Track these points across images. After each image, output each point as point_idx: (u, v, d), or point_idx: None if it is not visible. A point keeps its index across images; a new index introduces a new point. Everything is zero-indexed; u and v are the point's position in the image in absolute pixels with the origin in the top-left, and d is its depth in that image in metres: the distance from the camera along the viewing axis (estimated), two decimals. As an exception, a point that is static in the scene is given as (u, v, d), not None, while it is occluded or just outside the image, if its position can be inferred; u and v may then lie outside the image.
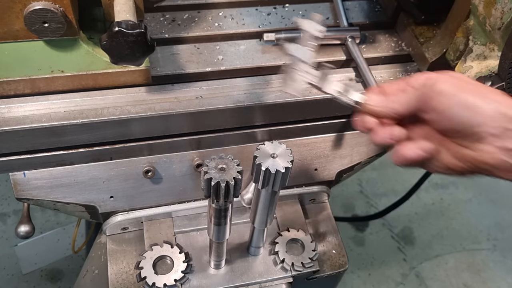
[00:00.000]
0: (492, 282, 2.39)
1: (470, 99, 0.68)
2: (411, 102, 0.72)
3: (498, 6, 0.81)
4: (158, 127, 0.94)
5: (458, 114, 0.68)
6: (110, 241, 1.02)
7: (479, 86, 0.71)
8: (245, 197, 1.01)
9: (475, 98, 0.68)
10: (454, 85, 0.69)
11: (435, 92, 0.70)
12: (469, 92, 0.68)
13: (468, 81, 0.72)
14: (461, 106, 0.68)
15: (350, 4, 1.14)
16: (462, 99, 0.68)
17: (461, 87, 0.69)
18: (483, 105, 0.67)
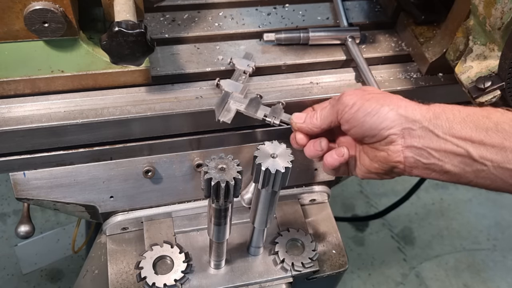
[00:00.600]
0: (492, 282, 2.39)
1: (373, 107, 0.77)
2: (327, 116, 0.83)
3: (498, 6, 0.81)
4: (158, 127, 0.94)
5: (365, 122, 0.78)
6: (110, 241, 1.02)
7: (382, 95, 0.80)
8: (245, 197, 1.01)
9: (377, 105, 0.77)
10: (358, 96, 0.79)
11: (343, 105, 0.80)
12: (372, 101, 0.78)
13: (372, 91, 0.82)
14: (366, 114, 0.77)
15: (350, 4, 1.14)
16: (367, 108, 0.77)
17: (364, 97, 0.79)
18: (384, 110, 0.76)
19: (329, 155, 0.85)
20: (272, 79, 1.00)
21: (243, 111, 0.91)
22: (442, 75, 1.03)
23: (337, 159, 0.84)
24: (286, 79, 1.01)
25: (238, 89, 0.93)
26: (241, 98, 0.92)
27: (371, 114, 0.77)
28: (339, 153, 0.84)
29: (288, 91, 0.99)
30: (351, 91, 0.81)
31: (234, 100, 0.91)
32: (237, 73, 0.96)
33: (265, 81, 0.99)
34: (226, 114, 0.90)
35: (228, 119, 0.89)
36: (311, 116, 0.86)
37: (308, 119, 0.86)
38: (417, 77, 1.04)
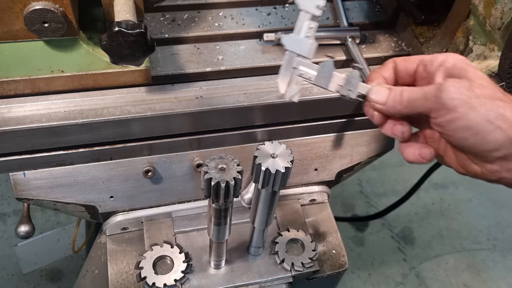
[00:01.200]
0: (492, 282, 2.39)
1: (479, 122, 0.63)
2: (416, 107, 0.69)
3: (498, 6, 0.81)
4: (158, 127, 0.94)
5: (465, 139, 0.65)
6: (110, 241, 1.02)
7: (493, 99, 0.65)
8: (245, 197, 1.01)
9: (485, 121, 0.63)
10: (464, 95, 0.64)
11: (440, 104, 0.66)
12: (479, 111, 0.63)
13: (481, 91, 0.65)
14: (468, 130, 0.64)
15: (350, 4, 1.14)
16: (471, 121, 0.63)
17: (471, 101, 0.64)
18: (494, 133, 0.63)
19: (411, 150, 0.73)
20: (272, 79, 1.00)
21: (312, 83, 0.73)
22: (442, 75, 1.03)
23: (418, 160, 0.73)
24: (286, 79, 1.01)
25: (304, 48, 0.73)
26: (309, 64, 0.73)
27: (475, 133, 0.64)
28: (424, 154, 0.72)
29: (288, 91, 0.98)
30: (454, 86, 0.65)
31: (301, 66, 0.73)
32: (301, 21, 0.72)
33: (265, 81, 0.99)
34: (293, 89, 0.73)
35: (295, 95, 0.73)
36: (396, 100, 0.70)
37: (391, 101, 0.71)
38: (417, 77, 1.04)
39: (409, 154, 0.73)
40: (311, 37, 0.73)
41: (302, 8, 0.71)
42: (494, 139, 0.63)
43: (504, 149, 0.64)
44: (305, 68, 0.73)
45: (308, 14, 0.72)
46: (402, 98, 0.70)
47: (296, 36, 0.73)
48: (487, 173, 0.68)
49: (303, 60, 0.73)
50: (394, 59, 0.76)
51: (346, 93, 0.74)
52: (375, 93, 0.73)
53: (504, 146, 0.64)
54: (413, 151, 0.73)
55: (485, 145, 0.64)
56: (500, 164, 0.66)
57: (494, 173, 0.67)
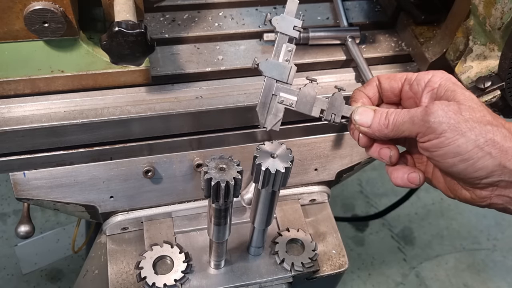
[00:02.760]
0: (492, 282, 2.39)
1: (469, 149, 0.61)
2: (403, 131, 0.67)
3: (498, 6, 0.81)
4: (158, 127, 0.94)
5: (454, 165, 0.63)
6: (110, 241, 1.02)
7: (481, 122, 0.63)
8: (245, 197, 1.01)
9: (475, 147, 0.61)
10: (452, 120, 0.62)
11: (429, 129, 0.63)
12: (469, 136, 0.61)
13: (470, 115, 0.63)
14: (458, 156, 0.62)
15: (350, 4, 1.14)
16: (461, 148, 0.61)
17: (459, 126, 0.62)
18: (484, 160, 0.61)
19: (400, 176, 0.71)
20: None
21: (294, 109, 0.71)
22: (442, 75, 1.03)
23: (408, 185, 0.70)
24: (286, 79, 1.01)
25: (284, 73, 0.70)
26: (289, 89, 0.70)
27: (465, 160, 0.62)
28: (412, 179, 0.70)
29: (288, 91, 0.98)
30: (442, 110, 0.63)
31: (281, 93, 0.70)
32: (280, 44, 0.70)
33: (265, 81, 0.99)
34: (273, 119, 0.71)
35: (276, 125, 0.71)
36: (382, 122, 0.68)
37: (376, 124, 0.69)
38: (417, 77, 1.04)
39: (397, 178, 0.71)
40: (290, 61, 0.70)
41: (279, 30, 0.69)
42: (484, 166, 0.62)
43: (494, 175, 0.62)
44: (285, 95, 0.70)
45: (286, 37, 0.70)
46: (388, 121, 0.68)
47: (274, 61, 0.71)
48: (476, 199, 0.66)
49: (283, 86, 0.71)
50: (378, 77, 0.74)
51: (330, 117, 0.72)
52: (360, 115, 0.71)
53: (494, 173, 0.62)
54: (401, 175, 0.71)
55: (474, 172, 0.62)
56: (491, 190, 0.65)
57: (484, 199, 0.66)
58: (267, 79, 0.71)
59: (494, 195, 0.65)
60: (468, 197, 0.67)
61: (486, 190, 0.65)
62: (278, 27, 0.69)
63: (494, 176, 0.62)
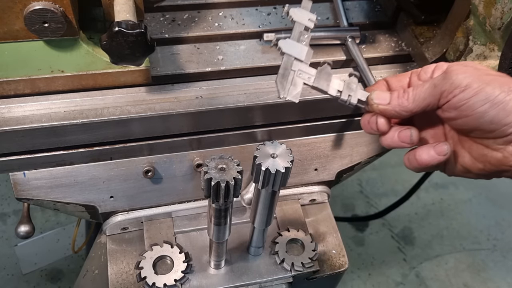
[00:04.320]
0: (492, 282, 2.39)
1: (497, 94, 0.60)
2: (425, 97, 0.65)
3: (498, 6, 0.81)
4: (158, 127, 0.94)
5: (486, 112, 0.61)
6: (110, 241, 1.02)
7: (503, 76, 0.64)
8: (245, 197, 1.01)
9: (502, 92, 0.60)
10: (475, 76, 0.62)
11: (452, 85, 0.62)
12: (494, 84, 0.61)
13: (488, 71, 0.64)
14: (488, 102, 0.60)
15: (350, 4, 1.14)
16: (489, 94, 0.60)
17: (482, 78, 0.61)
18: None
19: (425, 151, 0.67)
20: (272, 79, 1.00)
21: (311, 85, 0.72)
22: (442, 75, 1.03)
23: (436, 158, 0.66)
24: (286, 79, 1.01)
25: (302, 53, 0.73)
26: (307, 67, 0.73)
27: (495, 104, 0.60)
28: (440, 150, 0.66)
29: (288, 91, 0.98)
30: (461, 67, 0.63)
31: (299, 69, 0.72)
32: (297, 30, 0.74)
33: (265, 81, 0.99)
34: (292, 90, 0.72)
35: (294, 96, 0.72)
36: (401, 96, 0.67)
37: (396, 99, 0.67)
38: (417, 77, 1.04)
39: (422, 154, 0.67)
40: (307, 44, 0.73)
41: (296, 20, 0.73)
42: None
43: None
44: (303, 70, 0.72)
45: (302, 25, 0.73)
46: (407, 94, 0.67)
47: (293, 41, 0.73)
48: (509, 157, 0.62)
49: (301, 63, 0.73)
50: (385, 78, 0.74)
51: (347, 98, 0.72)
52: (377, 95, 0.70)
53: None
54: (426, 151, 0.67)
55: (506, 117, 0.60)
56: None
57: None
58: (285, 56, 0.73)
59: None
60: (500, 157, 0.63)
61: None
62: (295, 17, 0.73)
63: None
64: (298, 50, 0.73)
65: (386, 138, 0.71)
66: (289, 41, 0.73)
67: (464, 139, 0.68)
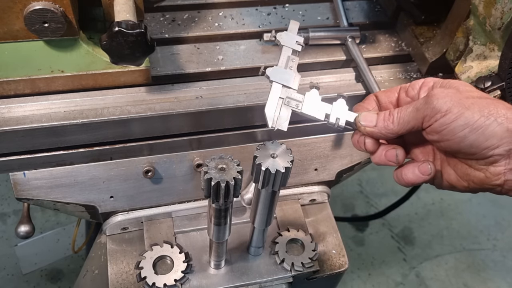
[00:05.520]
0: (492, 282, 2.39)
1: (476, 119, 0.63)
2: (408, 121, 0.68)
3: (498, 6, 0.81)
4: (158, 127, 0.94)
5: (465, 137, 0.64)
6: (110, 241, 1.02)
7: (482, 98, 0.66)
8: (245, 197, 1.01)
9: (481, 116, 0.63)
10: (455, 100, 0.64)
11: (434, 110, 0.65)
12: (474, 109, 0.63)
13: (469, 93, 0.67)
14: (467, 127, 0.63)
15: (350, 4, 1.14)
16: (468, 119, 0.63)
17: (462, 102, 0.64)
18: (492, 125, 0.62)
19: (410, 170, 0.70)
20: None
21: (299, 113, 0.74)
22: (442, 75, 1.03)
23: (420, 177, 0.70)
24: (286, 79, 1.01)
25: (290, 80, 0.74)
26: (295, 94, 0.74)
27: (474, 129, 0.62)
28: (424, 171, 0.69)
29: (288, 91, 0.99)
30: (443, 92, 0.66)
31: (287, 96, 0.73)
32: (285, 55, 0.75)
33: (265, 81, 0.99)
34: (281, 120, 0.73)
35: (284, 125, 0.74)
36: (386, 118, 0.70)
37: (382, 122, 0.70)
38: (417, 77, 1.04)
39: (408, 174, 0.71)
40: (294, 69, 0.74)
41: (284, 44, 0.74)
42: (493, 133, 0.63)
43: (505, 143, 0.63)
44: (291, 98, 0.73)
45: (290, 49, 0.75)
46: (392, 117, 0.70)
47: (280, 68, 0.74)
48: (491, 177, 0.65)
49: (289, 90, 0.74)
50: (375, 93, 0.76)
51: (335, 121, 0.74)
52: (364, 117, 0.72)
53: (505, 139, 0.63)
54: (411, 170, 0.70)
55: (485, 141, 0.63)
56: (504, 165, 0.64)
57: (498, 176, 0.65)
58: (274, 83, 0.74)
59: (508, 169, 0.64)
60: (483, 177, 0.66)
61: (499, 165, 0.64)
62: (282, 41, 0.74)
63: (504, 144, 0.63)
64: (286, 77, 0.73)
65: (375, 157, 0.74)
66: (276, 68, 0.74)
67: (450, 158, 0.70)
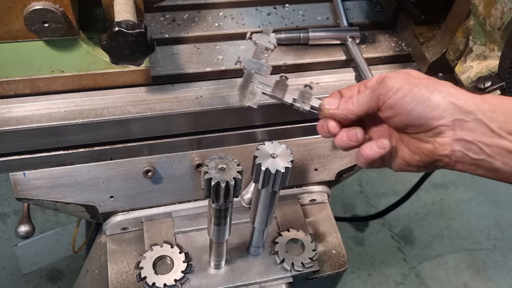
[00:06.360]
0: (492, 282, 2.39)
1: (423, 93, 0.70)
2: (366, 101, 0.75)
3: (498, 6, 0.81)
4: (158, 127, 0.94)
5: (413, 110, 0.70)
6: (110, 241, 1.02)
7: (430, 79, 0.74)
8: (245, 197, 1.01)
9: (427, 91, 0.70)
10: (405, 80, 0.72)
11: (386, 89, 0.72)
12: (421, 86, 0.71)
13: (418, 75, 0.74)
14: (415, 101, 0.70)
15: (350, 4, 1.14)
16: (416, 94, 0.70)
17: (411, 81, 0.72)
18: (436, 98, 0.69)
19: (368, 147, 0.76)
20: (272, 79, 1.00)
21: (269, 94, 0.83)
22: (442, 75, 1.03)
23: (377, 152, 0.75)
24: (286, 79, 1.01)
25: (261, 68, 0.84)
26: (266, 80, 0.83)
27: (421, 102, 0.70)
28: (380, 145, 0.75)
29: (288, 91, 0.99)
30: (394, 74, 0.74)
31: (258, 81, 0.83)
32: (259, 50, 0.86)
33: (265, 81, 0.99)
34: (251, 98, 0.82)
35: (254, 103, 0.82)
36: (346, 101, 0.78)
37: (343, 104, 0.78)
38: (417, 77, 1.04)
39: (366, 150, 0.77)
40: (267, 61, 0.85)
41: (259, 43, 0.86)
42: (438, 104, 0.69)
43: (448, 114, 0.69)
44: (262, 82, 0.83)
45: (264, 46, 0.86)
46: (352, 99, 0.77)
47: (254, 59, 0.84)
48: (439, 148, 0.71)
49: (260, 76, 0.83)
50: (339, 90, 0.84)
51: (301, 104, 0.82)
52: (328, 100, 0.80)
53: (448, 111, 0.69)
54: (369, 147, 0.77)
55: (431, 112, 0.69)
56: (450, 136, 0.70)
57: (445, 145, 0.70)
58: (246, 70, 0.84)
59: (453, 140, 0.70)
60: (431, 148, 0.72)
61: (445, 136, 0.70)
62: (257, 40, 0.86)
63: (448, 115, 0.69)
64: (258, 66, 0.84)
65: (337, 139, 0.80)
66: (250, 59, 0.84)
67: (403, 135, 0.76)
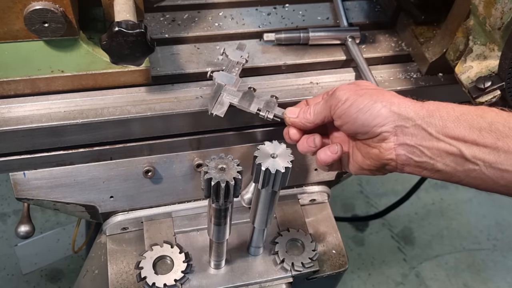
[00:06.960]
0: (492, 282, 2.39)
1: (366, 103, 0.76)
2: (320, 111, 0.83)
3: (498, 6, 0.81)
4: (158, 127, 0.94)
5: (358, 118, 0.77)
6: (110, 241, 1.02)
7: (376, 89, 0.81)
8: (245, 197, 1.01)
9: (370, 101, 0.76)
10: (352, 91, 0.79)
11: (336, 100, 0.79)
12: (365, 96, 0.77)
13: (366, 87, 0.81)
14: (359, 110, 0.77)
15: (350, 4, 1.14)
16: (359, 104, 0.77)
17: (357, 92, 0.78)
18: (377, 107, 0.76)
19: (323, 151, 0.84)
20: (272, 79, 1.00)
21: (236, 105, 0.89)
22: (442, 75, 1.03)
23: (330, 156, 0.83)
24: (286, 79, 1.01)
25: (231, 81, 0.91)
26: (234, 91, 0.90)
27: (364, 111, 0.76)
28: (332, 150, 0.83)
29: (288, 91, 0.99)
30: (344, 86, 0.81)
31: (227, 93, 0.89)
32: (230, 65, 0.93)
33: (265, 81, 0.99)
34: (219, 108, 0.88)
35: (221, 112, 0.87)
36: (305, 111, 0.86)
37: (302, 114, 0.86)
38: (417, 77, 1.04)
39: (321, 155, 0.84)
40: (237, 74, 0.92)
41: (232, 58, 0.93)
42: (379, 113, 0.75)
43: (389, 121, 0.75)
44: (230, 93, 0.90)
45: (235, 61, 0.93)
46: (309, 109, 0.85)
47: (224, 72, 0.91)
48: (384, 152, 0.77)
49: (229, 88, 0.90)
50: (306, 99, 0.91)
51: (265, 113, 0.89)
52: (289, 111, 0.88)
53: (389, 118, 0.75)
54: (324, 152, 0.84)
55: (373, 120, 0.76)
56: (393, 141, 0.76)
57: (389, 150, 0.76)
58: (217, 83, 0.90)
59: (397, 145, 0.76)
60: (378, 152, 0.78)
61: (389, 141, 0.76)
62: (230, 55, 0.94)
63: (390, 123, 0.75)
64: (228, 78, 0.91)
65: (299, 145, 0.87)
66: (221, 72, 0.91)
67: (356, 141, 0.83)
